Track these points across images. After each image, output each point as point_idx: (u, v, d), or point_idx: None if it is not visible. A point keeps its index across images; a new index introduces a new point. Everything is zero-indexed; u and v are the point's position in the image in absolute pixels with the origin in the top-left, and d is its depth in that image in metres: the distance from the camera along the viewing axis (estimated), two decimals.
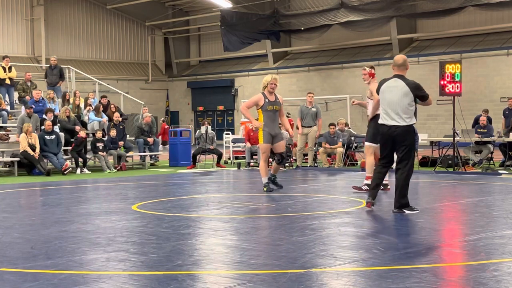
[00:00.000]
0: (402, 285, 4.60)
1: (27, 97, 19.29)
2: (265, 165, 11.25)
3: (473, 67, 29.19)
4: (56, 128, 17.69)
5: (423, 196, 10.60)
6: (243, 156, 19.14)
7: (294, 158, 17.91)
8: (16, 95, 20.38)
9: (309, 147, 17.44)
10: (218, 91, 40.38)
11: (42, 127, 17.22)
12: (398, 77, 8.26)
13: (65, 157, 17.30)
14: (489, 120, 17.56)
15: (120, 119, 19.15)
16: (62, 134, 17.64)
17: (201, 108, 41.87)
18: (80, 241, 6.54)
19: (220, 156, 18.46)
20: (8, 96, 20.06)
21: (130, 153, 19.27)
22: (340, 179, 14.19)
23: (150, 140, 19.57)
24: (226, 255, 5.90)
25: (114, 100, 21.37)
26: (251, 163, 18.26)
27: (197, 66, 43.69)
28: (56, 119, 18.18)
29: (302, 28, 33.70)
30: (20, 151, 16.38)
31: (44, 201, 11.02)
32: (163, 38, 43.63)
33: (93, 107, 19.56)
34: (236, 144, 20.93)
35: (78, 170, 16.88)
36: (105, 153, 17.68)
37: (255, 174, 15.74)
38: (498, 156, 17.54)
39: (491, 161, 17.16)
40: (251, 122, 11.49)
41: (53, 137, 16.91)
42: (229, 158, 20.74)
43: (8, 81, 19.90)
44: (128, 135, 19.91)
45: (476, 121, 17.70)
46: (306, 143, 17.50)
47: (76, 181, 14.46)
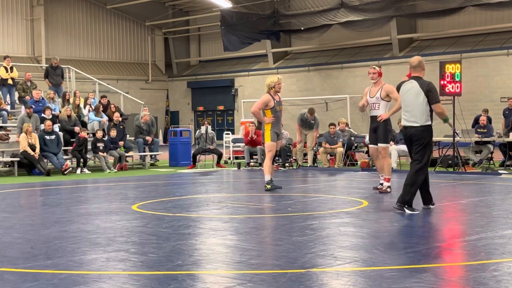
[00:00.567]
0: (402, 285, 4.60)
1: (27, 97, 19.30)
2: (270, 163, 11.46)
3: (473, 67, 29.17)
4: (56, 128, 17.69)
5: None
6: (243, 156, 19.14)
7: (294, 158, 17.92)
8: (16, 95, 20.40)
9: (309, 147, 17.47)
10: (218, 91, 40.37)
11: (42, 127, 17.22)
12: (415, 79, 8.46)
13: (66, 157, 17.31)
14: (489, 120, 17.56)
15: (120, 119, 19.14)
16: (61, 134, 17.64)
17: (201, 108, 41.86)
18: (80, 241, 6.54)
19: (220, 156, 18.46)
20: (10, 96, 20.07)
21: (130, 153, 19.26)
22: (340, 179, 14.19)
23: (149, 139, 19.57)
24: (226, 255, 5.90)
25: (114, 100, 21.37)
26: (251, 163, 18.27)
27: (197, 66, 43.68)
28: (57, 119, 18.19)
29: (302, 28, 33.67)
30: (20, 151, 16.37)
31: (44, 201, 11.02)
32: (163, 38, 43.62)
33: (93, 107, 19.57)
34: (236, 144, 20.93)
35: (78, 170, 16.88)
36: (105, 153, 17.69)
37: (255, 174, 15.74)
38: (498, 156, 17.54)
39: (491, 161, 17.15)
40: (263, 121, 11.51)
41: (53, 137, 16.90)
42: (229, 158, 20.75)
43: (10, 81, 19.93)
44: (128, 135, 19.91)
45: (476, 121, 17.69)
46: (306, 143, 17.59)
47: (76, 181, 14.45)
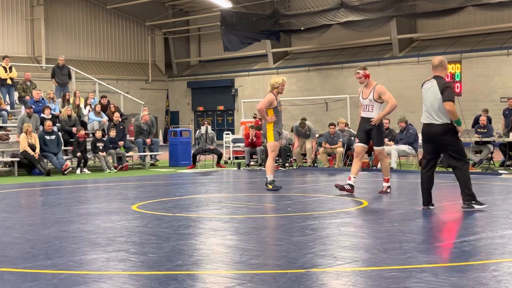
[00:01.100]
0: (402, 285, 4.60)
1: (27, 97, 19.29)
2: (273, 163, 11.54)
3: (473, 67, 29.16)
4: (56, 128, 17.68)
5: None
6: (243, 156, 19.14)
7: (294, 158, 17.94)
8: (16, 95, 20.39)
9: (308, 155, 17.66)
10: (218, 91, 40.36)
11: (41, 126, 17.22)
12: (435, 78, 8.54)
13: (66, 157, 17.31)
14: (489, 120, 17.56)
15: (120, 119, 19.13)
16: (61, 134, 17.63)
17: (201, 108, 41.84)
18: (80, 241, 6.54)
19: (220, 156, 18.46)
20: (9, 96, 20.06)
21: (130, 153, 19.25)
22: (340, 179, 14.17)
23: (148, 141, 19.51)
24: (226, 255, 5.90)
25: (114, 100, 21.35)
26: (251, 163, 18.27)
27: (197, 66, 43.67)
28: (56, 119, 18.18)
29: (302, 28, 33.66)
30: (20, 151, 16.38)
31: (44, 201, 11.02)
32: (163, 38, 43.61)
33: (93, 107, 19.55)
34: (236, 144, 20.93)
35: (78, 170, 16.88)
36: (105, 153, 17.68)
37: (255, 174, 15.74)
38: (498, 156, 17.54)
39: (491, 161, 17.15)
40: (267, 119, 11.53)
41: (53, 137, 16.90)
42: (229, 158, 20.75)
43: (9, 81, 19.92)
44: (128, 135, 19.88)
45: (476, 121, 17.69)
46: (305, 147, 17.77)
47: (76, 181, 14.45)
